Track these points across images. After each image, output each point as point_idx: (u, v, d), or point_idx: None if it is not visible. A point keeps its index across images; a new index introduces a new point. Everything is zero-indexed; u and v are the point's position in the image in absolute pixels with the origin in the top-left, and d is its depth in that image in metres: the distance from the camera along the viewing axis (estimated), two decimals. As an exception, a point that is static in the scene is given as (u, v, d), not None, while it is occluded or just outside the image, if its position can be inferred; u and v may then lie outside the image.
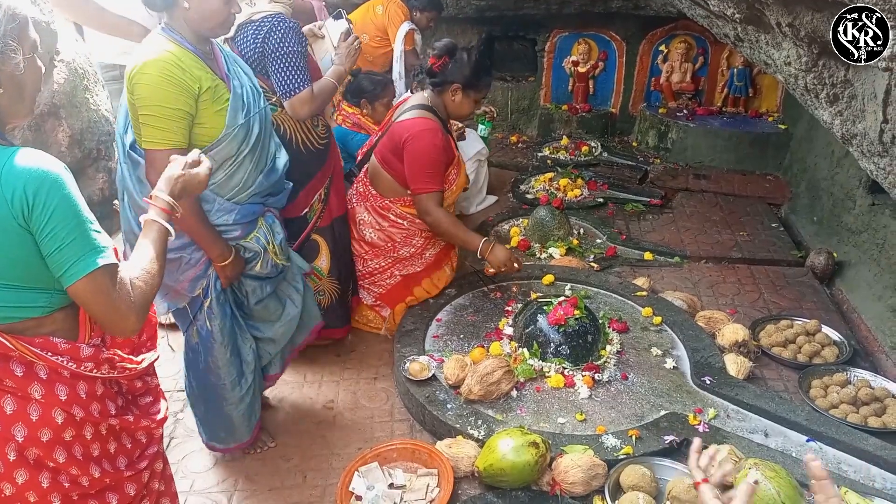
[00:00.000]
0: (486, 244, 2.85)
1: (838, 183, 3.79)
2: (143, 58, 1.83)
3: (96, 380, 1.33)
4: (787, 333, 2.91)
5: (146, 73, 1.81)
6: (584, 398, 2.55)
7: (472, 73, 2.80)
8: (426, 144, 2.76)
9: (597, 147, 5.29)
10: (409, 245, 2.98)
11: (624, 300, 3.19)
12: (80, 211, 1.21)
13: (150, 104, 1.82)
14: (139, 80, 1.82)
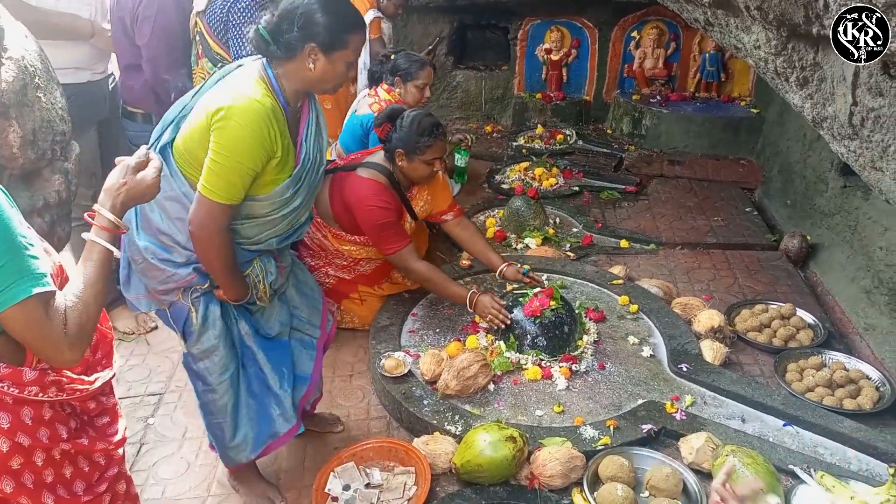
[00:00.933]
0: (473, 296, 2.75)
1: (810, 166, 3.80)
2: (236, 99, 1.66)
3: (43, 404, 1.24)
4: (763, 318, 2.92)
5: (235, 121, 1.65)
6: (562, 389, 2.53)
7: (412, 139, 2.69)
8: (373, 211, 2.67)
9: (572, 135, 5.26)
10: (340, 257, 2.94)
11: (600, 289, 3.17)
12: (14, 234, 1.11)
13: (228, 154, 1.67)
14: (226, 124, 1.65)
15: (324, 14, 1.69)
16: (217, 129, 1.67)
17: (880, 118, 1.89)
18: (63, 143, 2.13)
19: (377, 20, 4.29)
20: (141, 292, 1.92)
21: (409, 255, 2.74)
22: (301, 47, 1.71)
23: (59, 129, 2.10)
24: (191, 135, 1.75)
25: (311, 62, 1.73)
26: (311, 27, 1.69)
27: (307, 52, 1.72)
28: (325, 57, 1.73)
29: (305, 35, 1.70)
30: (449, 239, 3.69)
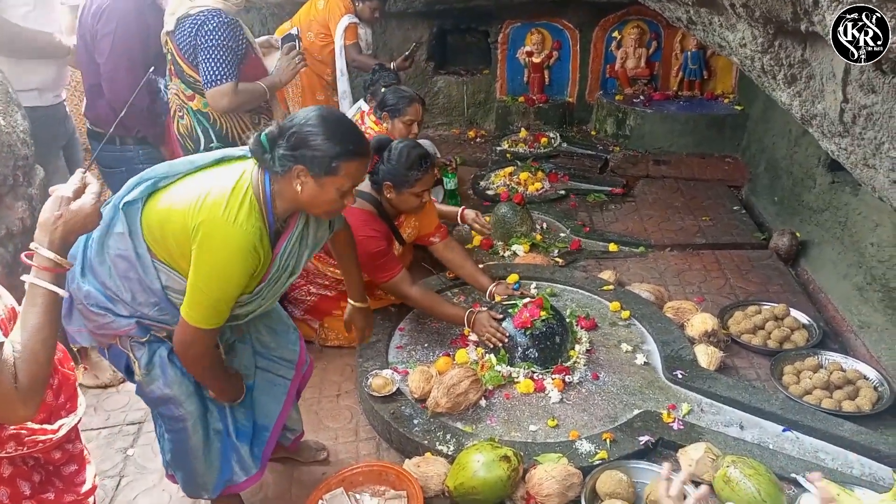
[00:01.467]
0: (470, 316, 2.68)
1: (797, 162, 3.77)
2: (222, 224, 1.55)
3: (1, 461, 1.15)
4: (756, 319, 2.87)
5: (221, 252, 1.57)
6: (556, 402, 2.46)
7: (400, 172, 2.61)
8: (365, 241, 2.57)
9: (556, 138, 5.21)
10: (322, 277, 2.88)
11: (591, 296, 3.11)
12: None
13: (214, 283, 1.60)
14: (211, 253, 1.57)
15: (318, 137, 1.60)
16: (200, 252, 1.58)
17: (873, 115, 1.84)
18: (26, 167, 2.04)
19: (353, 25, 4.22)
20: (81, 325, 1.80)
21: (403, 281, 2.68)
22: (290, 166, 1.61)
23: (21, 153, 2.00)
24: (170, 224, 1.64)
25: (298, 184, 1.63)
26: (302, 148, 1.60)
27: (295, 172, 1.62)
28: (314, 181, 1.63)
29: (295, 155, 1.60)
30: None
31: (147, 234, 1.67)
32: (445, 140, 5.57)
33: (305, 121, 1.62)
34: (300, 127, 1.61)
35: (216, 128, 2.68)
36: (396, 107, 3.26)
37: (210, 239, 1.57)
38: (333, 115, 1.68)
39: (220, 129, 2.68)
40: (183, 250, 1.63)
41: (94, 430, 2.64)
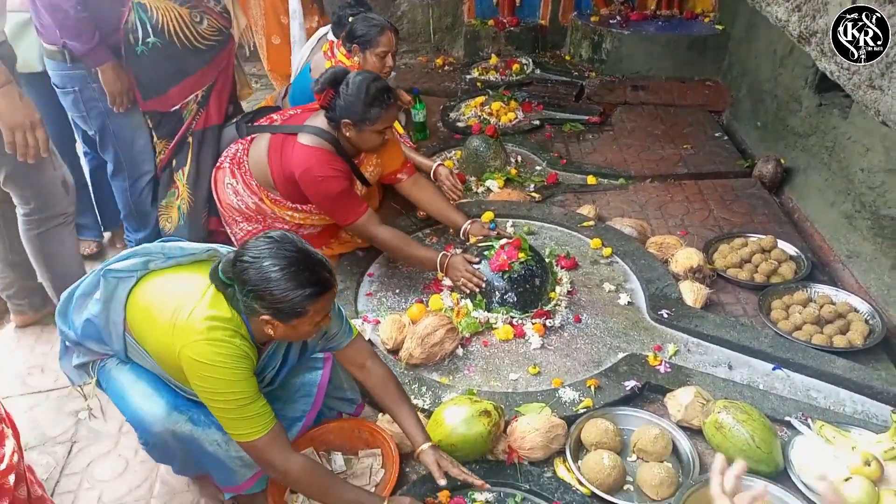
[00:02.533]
0: (443, 259, 2.48)
1: (782, 84, 3.58)
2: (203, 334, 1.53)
3: None
4: (742, 253, 2.74)
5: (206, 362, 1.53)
6: (537, 348, 2.33)
7: (360, 108, 2.36)
8: (323, 182, 2.39)
9: (528, 64, 4.93)
10: (281, 221, 2.64)
11: (570, 232, 2.95)
12: None
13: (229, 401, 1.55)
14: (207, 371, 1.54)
15: (277, 288, 1.50)
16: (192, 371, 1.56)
17: (887, 28, 1.65)
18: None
19: None
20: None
21: (369, 222, 2.47)
22: (258, 313, 1.54)
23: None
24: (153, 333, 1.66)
25: (269, 328, 1.56)
26: (263, 301, 1.51)
27: (263, 319, 1.55)
28: (284, 325, 1.55)
29: (257, 308, 1.53)
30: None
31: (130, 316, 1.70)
32: (411, 69, 5.25)
33: (258, 271, 1.50)
34: (255, 281, 1.50)
35: (153, 21, 2.53)
36: (367, 37, 2.93)
37: (196, 359, 1.53)
38: (286, 253, 1.52)
39: (157, 22, 2.53)
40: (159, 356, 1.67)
41: (42, 393, 2.46)
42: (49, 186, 2.33)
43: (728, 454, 1.87)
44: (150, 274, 1.70)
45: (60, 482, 2.10)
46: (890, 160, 2.67)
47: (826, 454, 1.82)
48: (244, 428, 1.58)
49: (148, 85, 2.63)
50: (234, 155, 2.66)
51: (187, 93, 2.67)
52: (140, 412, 1.72)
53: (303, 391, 1.95)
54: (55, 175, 2.33)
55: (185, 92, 2.66)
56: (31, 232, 2.41)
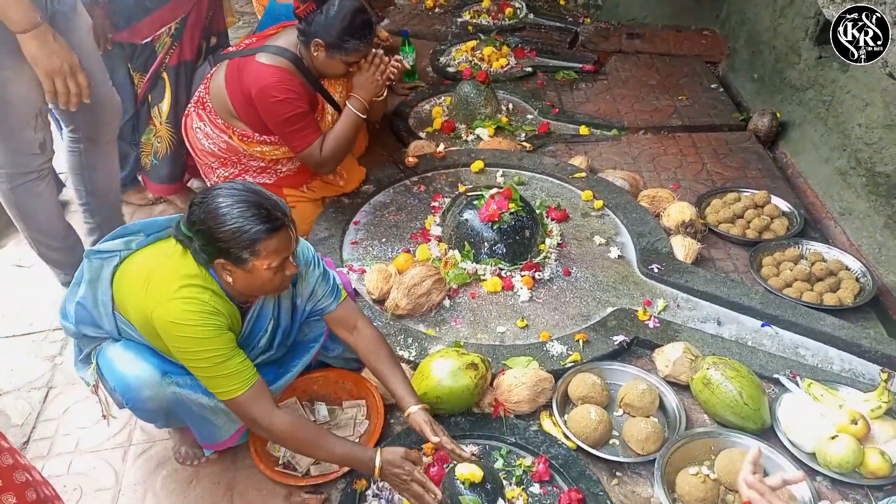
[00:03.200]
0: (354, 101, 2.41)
1: (781, 35, 3.48)
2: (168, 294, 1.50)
3: None
4: (735, 208, 2.70)
5: (179, 321, 1.49)
6: (525, 301, 2.29)
7: (337, 33, 2.25)
8: (279, 104, 2.28)
9: (521, 8, 4.77)
10: (254, 159, 2.53)
11: (561, 184, 2.88)
12: None
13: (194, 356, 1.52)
14: (182, 339, 1.51)
15: (224, 228, 1.46)
16: (168, 333, 1.52)
17: (906, -28, 1.56)
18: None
19: None
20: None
21: (318, 148, 2.39)
22: (210, 262, 1.52)
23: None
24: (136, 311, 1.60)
25: (227, 275, 1.53)
26: (214, 244, 1.48)
27: (219, 266, 1.52)
28: (241, 270, 1.51)
29: (211, 251, 1.50)
30: (395, 135, 3.33)
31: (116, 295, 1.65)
32: (400, 9, 5.05)
33: (206, 213, 1.48)
34: (203, 222, 1.48)
35: None
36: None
37: (169, 319, 1.50)
38: (234, 192, 1.49)
39: None
40: (147, 323, 1.58)
41: (18, 337, 2.40)
42: (25, 147, 2.09)
43: (715, 410, 1.87)
44: (133, 253, 1.66)
45: (37, 428, 2.06)
46: (889, 115, 2.61)
47: (813, 412, 1.82)
48: (224, 385, 1.54)
49: (119, 14, 2.53)
50: (197, 98, 2.53)
51: (158, 24, 2.59)
52: (127, 378, 1.65)
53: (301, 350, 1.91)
54: (34, 138, 2.08)
55: (156, 24, 2.59)
56: (3, 186, 2.19)
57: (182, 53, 2.71)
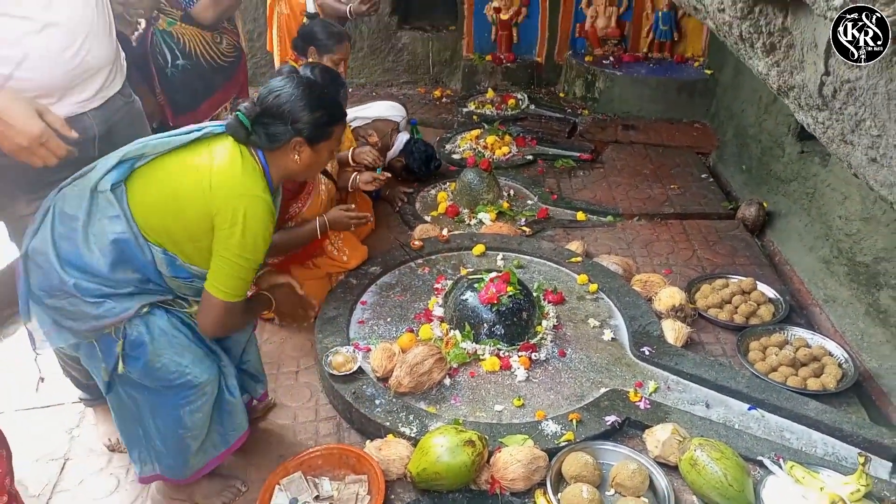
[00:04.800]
0: (322, 220, 2.60)
1: (766, 130, 3.72)
2: (248, 201, 1.62)
3: None
4: (723, 293, 2.83)
5: (251, 225, 1.63)
6: (522, 380, 2.40)
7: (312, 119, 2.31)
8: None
9: (523, 99, 5.07)
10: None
11: (558, 267, 3.04)
12: None
13: (246, 255, 1.66)
14: (243, 228, 1.62)
15: (309, 110, 1.72)
16: (230, 232, 1.63)
17: (855, 90, 1.76)
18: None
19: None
20: (55, 323, 1.67)
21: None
22: (286, 140, 1.73)
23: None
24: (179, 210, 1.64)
25: (296, 154, 1.76)
26: (298, 122, 1.72)
27: (293, 145, 1.74)
28: (311, 149, 1.77)
29: (291, 129, 1.72)
30: (402, 217, 3.52)
31: (139, 218, 1.64)
32: (410, 99, 5.38)
33: (290, 96, 1.71)
34: (291, 105, 1.70)
35: (179, 45, 2.82)
36: (326, 43, 3.10)
37: (240, 222, 1.61)
38: (310, 82, 1.78)
39: (184, 46, 2.83)
40: (193, 233, 1.65)
41: (38, 409, 2.50)
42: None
43: (702, 491, 1.95)
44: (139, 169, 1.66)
45: (53, 499, 2.14)
46: (866, 208, 2.79)
47: (795, 494, 1.89)
48: (235, 287, 1.68)
49: (180, 102, 2.87)
50: None
51: (216, 106, 2.99)
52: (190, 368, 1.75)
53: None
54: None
55: (215, 105, 2.99)
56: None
57: None
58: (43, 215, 1.66)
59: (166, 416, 1.81)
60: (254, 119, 1.69)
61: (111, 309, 1.63)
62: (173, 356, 1.73)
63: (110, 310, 1.63)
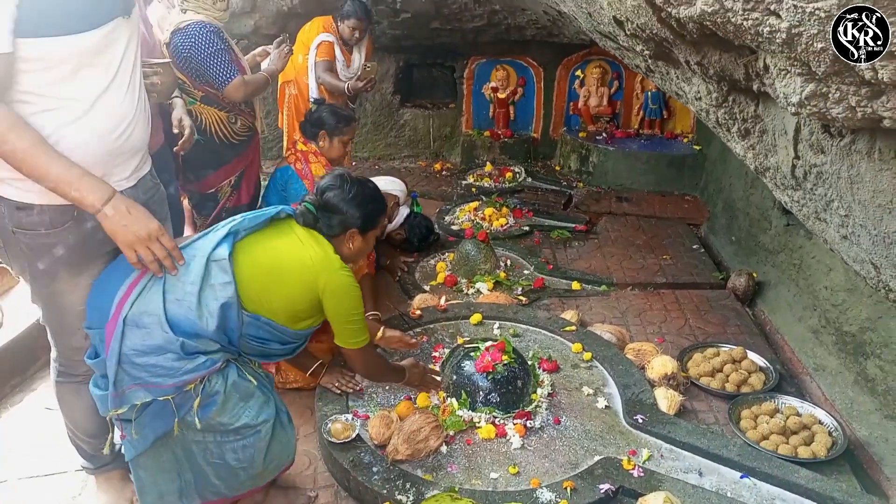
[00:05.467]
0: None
1: (753, 203, 3.86)
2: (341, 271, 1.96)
3: None
4: (715, 362, 2.90)
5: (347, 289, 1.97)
6: (517, 448, 2.44)
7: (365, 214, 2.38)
8: None
9: (521, 172, 5.27)
10: None
11: (553, 336, 3.12)
12: None
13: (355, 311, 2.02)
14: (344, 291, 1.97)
15: (360, 208, 2.05)
16: (338, 302, 1.98)
17: (822, 174, 1.90)
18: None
19: (326, 43, 4.17)
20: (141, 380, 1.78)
21: None
22: (343, 231, 2.04)
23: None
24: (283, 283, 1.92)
25: (350, 243, 2.06)
26: (353, 219, 2.04)
27: (348, 235, 2.05)
28: (362, 238, 2.09)
29: (348, 224, 2.04)
30: (402, 287, 3.62)
31: (241, 286, 1.85)
32: (411, 172, 5.59)
33: (348, 192, 2.03)
34: (347, 206, 2.02)
35: (197, 122, 3.00)
36: (337, 126, 3.34)
37: (343, 287, 1.98)
38: (357, 179, 2.11)
39: (201, 123, 3.04)
40: (293, 300, 1.93)
41: (41, 477, 2.53)
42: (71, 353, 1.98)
43: (695, 559, 1.97)
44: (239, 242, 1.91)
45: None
46: (849, 280, 2.89)
47: (787, 562, 1.91)
48: (360, 335, 2.07)
49: (190, 172, 3.11)
50: None
51: (222, 178, 3.19)
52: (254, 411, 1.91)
53: None
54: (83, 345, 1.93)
55: (220, 177, 3.18)
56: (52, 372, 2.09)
57: (239, 199, 3.26)
58: (147, 281, 1.79)
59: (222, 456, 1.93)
60: (319, 210, 2.01)
61: (203, 363, 1.79)
62: (238, 401, 1.88)
63: (202, 364, 1.78)
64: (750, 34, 1.39)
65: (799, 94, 1.43)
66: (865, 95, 1.28)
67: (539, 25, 4.81)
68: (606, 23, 2.40)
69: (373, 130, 5.84)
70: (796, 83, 1.43)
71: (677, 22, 1.64)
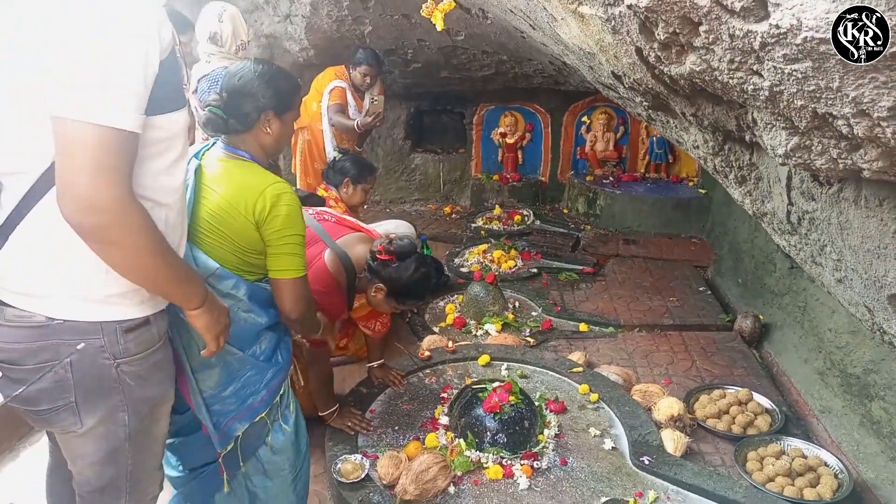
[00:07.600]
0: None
1: (758, 246, 3.92)
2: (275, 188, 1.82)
3: None
4: (721, 404, 2.93)
5: (286, 204, 1.82)
6: (524, 489, 2.46)
7: (401, 289, 2.49)
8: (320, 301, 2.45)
9: (529, 215, 5.37)
10: None
11: (560, 377, 3.16)
12: None
13: (295, 232, 1.86)
14: (282, 210, 1.81)
15: (271, 84, 1.88)
16: (274, 218, 1.82)
17: (815, 220, 1.97)
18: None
19: (339, 88, 4.31)
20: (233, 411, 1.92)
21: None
22: (257, 117, 1.87)
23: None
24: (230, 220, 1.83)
25: (266, 129, 1.89)
26: (265, 98, 1.86)
27: (262, 120, 1.88)
28: (279, 120, 1.91)
29: (260, 104, 1.86)
30: (412, 328, 3.69)
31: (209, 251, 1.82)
32: (422, 215, 5.70)
33: (255, 74, 1.86)
34: (254, 85, 1.85)
35: None
36: (361, 174, 3.49)
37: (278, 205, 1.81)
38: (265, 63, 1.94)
39: None
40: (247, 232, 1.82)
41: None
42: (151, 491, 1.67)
43: None
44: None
45: None
46: (852, 322, 2.92)
47: None
48: (300, 262, 1.88)
49: None
50: None
51: None
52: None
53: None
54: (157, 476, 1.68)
55: None
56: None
57: None
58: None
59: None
60: (225, 107, 1.86)
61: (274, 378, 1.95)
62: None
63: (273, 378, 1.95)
64: (736, 91, 1.48)
65: (784, 146, 1.52)
66: (845, 148, 1.36)
67: (545, 74, 4.98)
68: (606, 76, 2.52)
69: (384, 175, 5.99)
70: (782, 136, 1.52)
71: (670, 78, 1.74)
